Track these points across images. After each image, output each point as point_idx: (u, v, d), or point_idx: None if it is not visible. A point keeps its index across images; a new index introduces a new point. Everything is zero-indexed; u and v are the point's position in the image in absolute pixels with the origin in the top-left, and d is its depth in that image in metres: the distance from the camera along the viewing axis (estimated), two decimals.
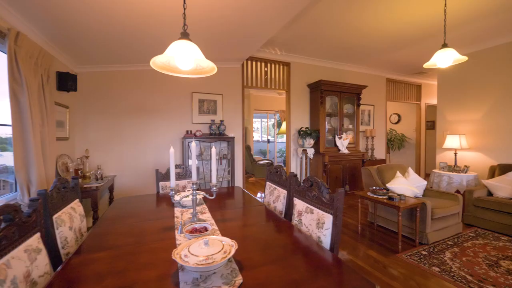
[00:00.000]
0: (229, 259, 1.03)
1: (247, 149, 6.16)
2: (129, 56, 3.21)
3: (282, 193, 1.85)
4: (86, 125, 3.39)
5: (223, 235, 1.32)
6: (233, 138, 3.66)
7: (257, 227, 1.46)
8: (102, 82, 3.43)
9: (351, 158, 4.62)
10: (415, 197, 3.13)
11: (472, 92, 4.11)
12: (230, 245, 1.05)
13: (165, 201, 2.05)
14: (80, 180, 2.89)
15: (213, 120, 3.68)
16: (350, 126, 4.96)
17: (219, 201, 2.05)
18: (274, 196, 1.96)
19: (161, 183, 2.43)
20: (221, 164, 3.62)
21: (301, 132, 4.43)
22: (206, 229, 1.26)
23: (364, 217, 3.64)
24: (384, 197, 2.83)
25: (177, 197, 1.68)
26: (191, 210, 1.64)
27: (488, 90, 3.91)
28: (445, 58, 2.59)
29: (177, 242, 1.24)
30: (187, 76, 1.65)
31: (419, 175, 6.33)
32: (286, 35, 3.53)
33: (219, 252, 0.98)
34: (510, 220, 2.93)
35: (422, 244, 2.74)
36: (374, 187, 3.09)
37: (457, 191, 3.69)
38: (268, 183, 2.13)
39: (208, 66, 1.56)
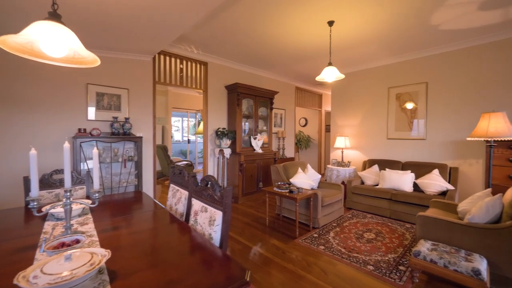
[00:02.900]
0: (99, 270, 0.94)
1: (163, 150, 5.76)
2: None
3: (184, 194, 1.82)
4: None
5: (103, 245, 1.19)
6: (141, 138, 3.33)
7: (148, 233, 1.39)
8: None
9: (265, 157, 5.02)
10: (312, 189, 3.69)
11: (353, 103, 5.20)
12: (102, 255, 0.95)
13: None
14: None
15: (115, 118, 3.24)
16: (265, 128, 5.38)
17: (111, 208, 1.83)
18: (176, 198, 1.91)
19: None
20: (125, 167, 3.24)
21: (219, 133, 4.50)
22: (77, 241, 1.10)
23: (273, 210, 4.02)
24: (286, 191, 3.21)
25: (44, 209, 1.40)
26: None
27: (363, 102, 5.04)
28: (330, 74, 3.17)
29: (36, 262, 1.03)
30: (62, 65, 1.40)
31: (320, 170, 7.52)
32: (202, 34, 3.49)
33: (84, 265, 0.88)
34: (373, 201, 3.86)
35: (314, 228, 3.26)
36: (279, 183, 3.47)
37: (343, 182, 4.58)
38: (171, 185, 2.06)
39: (90, 56, 1.36)
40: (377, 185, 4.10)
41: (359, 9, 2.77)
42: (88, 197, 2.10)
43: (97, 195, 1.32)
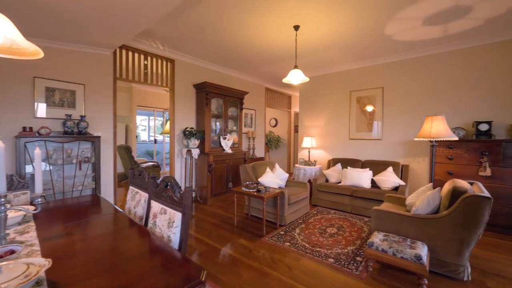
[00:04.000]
0: (37, 282, 0.86)
1: (126, 150, 5.42)
2: None
3: (144, 196, 1.74)
4: None
5: (45, 255, 1.08)
6: (98, 137, 3.09)
7: (101, 238, 1.30)
8: None
9: (234, 157, 5.01)
10: (279, 187, 3.79)
11: (319, 105, 5.46)
12: (41, 266, 0.87)
13: None
14: None
15: (69, 115, 2.96)
16: (234, 128, 5.37)
17: (61, 214, 1.68)
18: (135, 201, 1.82)
19: None
20: (80, 169, 2.97)
21: (186, 133, 4.38)
22: (12, 252, 0.99)
23: (242, 210, 4.04)
24: (254, 190, 3.24)
25: None
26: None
27: (327, 104, 5.31)
28: (295, 77, 3.28)
29: None
30: None
31: (290, 169, 7.74)
32: (169, 30, 3.36)
33: (17, 277, 0.79)
34: (336, 198, 4.09)
35: (281, 226, 3.35)
36: (247, 182, 3.49)
37: (309, 181, 4.77)
38: (130, 187, 1.95)
39: (31, 48, 1.23)
40: (340, 182, 4.35)
41: (323, 15, 2.92)
42: (32, 203, 1.90)
43: (39, 200, 1.20)
